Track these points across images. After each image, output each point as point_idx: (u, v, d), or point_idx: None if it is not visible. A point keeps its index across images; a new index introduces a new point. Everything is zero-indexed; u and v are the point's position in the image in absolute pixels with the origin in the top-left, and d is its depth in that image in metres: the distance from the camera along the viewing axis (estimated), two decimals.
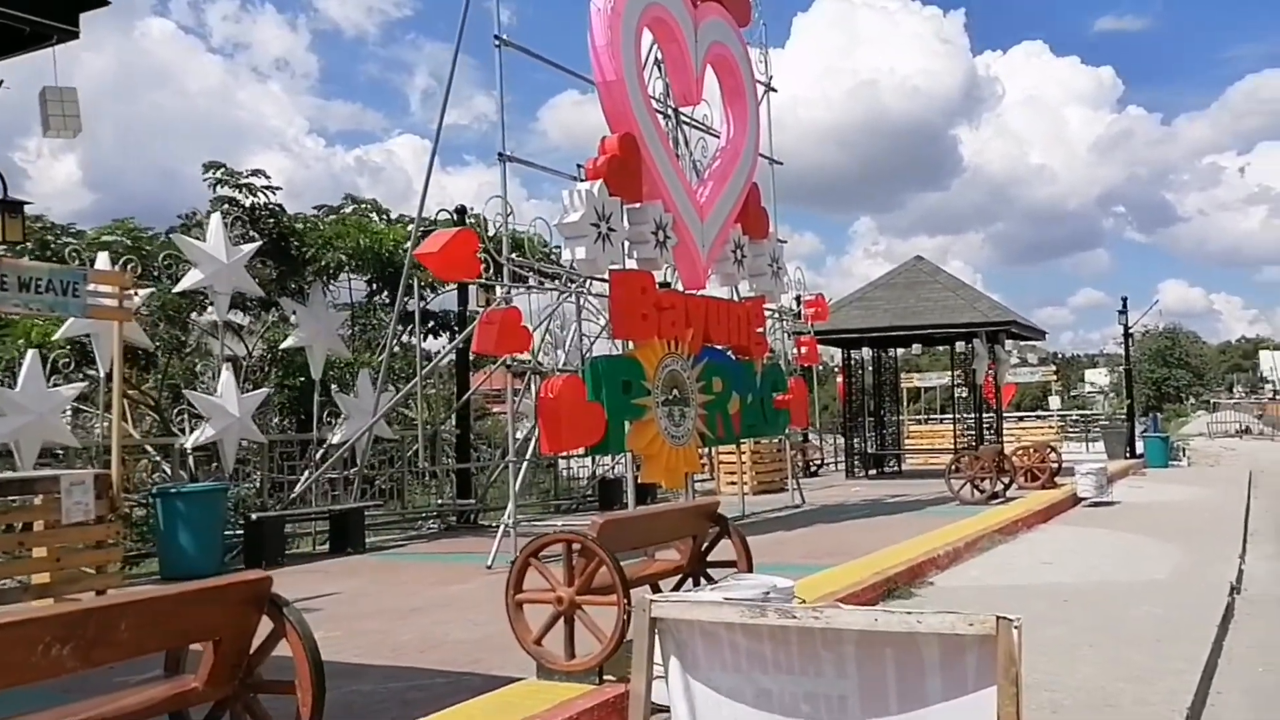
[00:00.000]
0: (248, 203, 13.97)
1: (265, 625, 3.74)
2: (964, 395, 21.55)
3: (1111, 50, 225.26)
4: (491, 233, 10.68)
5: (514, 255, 10.02)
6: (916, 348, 25.45)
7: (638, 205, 10.88)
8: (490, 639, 6.42)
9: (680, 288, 12.03)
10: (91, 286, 7.31)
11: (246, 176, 14.05)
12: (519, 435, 12.22)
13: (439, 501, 14.49)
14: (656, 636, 3.39)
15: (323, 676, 3.67)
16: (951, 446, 20.51)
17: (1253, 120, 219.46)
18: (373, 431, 12.56)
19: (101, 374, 9.91)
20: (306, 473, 12.19)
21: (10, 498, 7.31)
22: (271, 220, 14.07)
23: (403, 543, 12.55)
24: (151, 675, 3.75)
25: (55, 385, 9.80)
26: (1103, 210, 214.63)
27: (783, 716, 3.17)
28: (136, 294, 9.14)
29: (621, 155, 10.65)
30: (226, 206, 12.75)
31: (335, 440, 12.40)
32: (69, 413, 10.99)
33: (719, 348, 12.38)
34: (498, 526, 11.03)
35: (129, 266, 9.34)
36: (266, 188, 14.07)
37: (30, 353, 9.70)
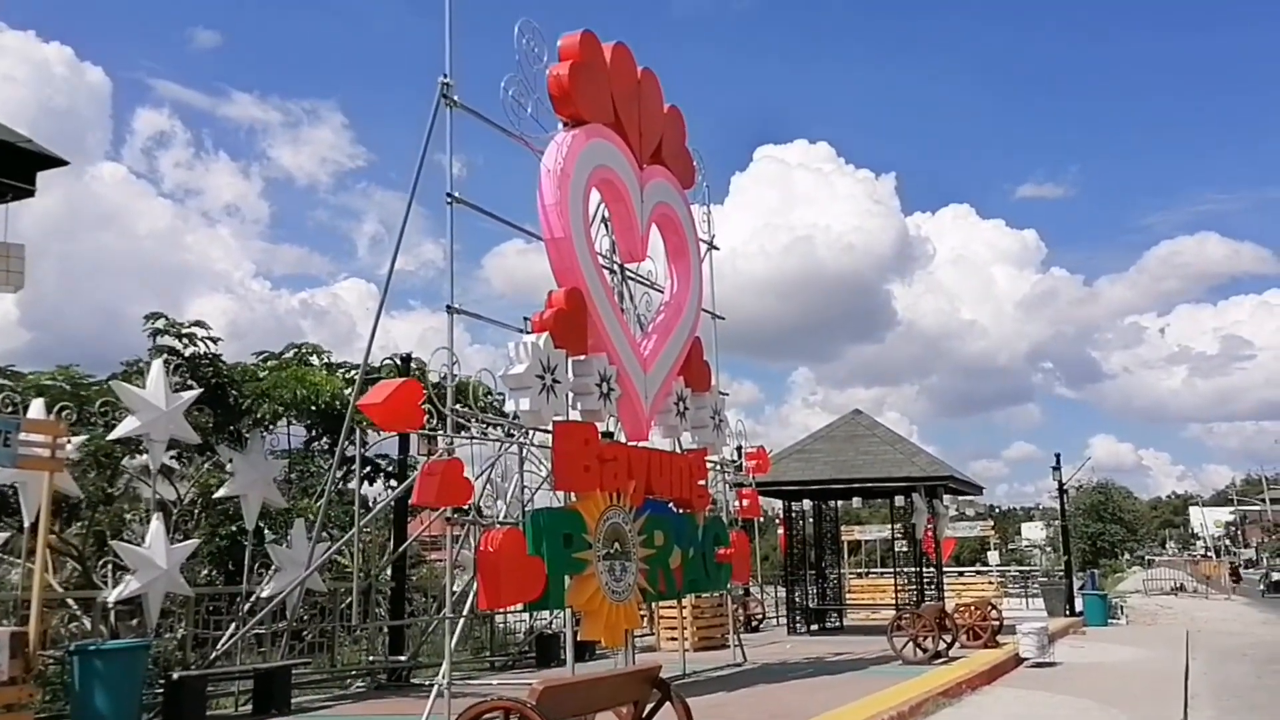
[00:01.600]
0: (188, 352, 13.88)
1: None
2: (904, 549, 21.59)
3: (1033, 214, 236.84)
4: (435, 380, 10.72)
5: (458, 405, 10.03)
6: (856, 500, 25.63)
7: (583, 358, 11.03)
8: None
9: (623, 439, 12.08)
10: (23, 435, 7.14)
11: (188, 327, 14.01)
12: (456, 587, 11.93)
13: (370, 658, 13.96)
14: None
15: None
16: (893, 601, 20.42)
17: (1170, 283, 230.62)
18: (305, 584, 12.18)
19: (26, 523, 9.54)
20: (233, 627, 11.72)
21: None
22: (210, 369, 13.96)
23: (330, 703, 11.99)
24: None
25: None
26: (1032, 365, 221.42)
27: None
28: (69, 442, 8.92)
29: (568, 309, 10.85)
30: (167, 356, 12.64)
31: (265, 593, 11.98)
32: None
33: (661, 500, 12.36)
34: (430, 685, 10.65)
35: (63, 414, 9.15)
36: (207, 338, 14.04)
37: None
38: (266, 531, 14.31)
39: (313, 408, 14.34)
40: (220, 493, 12.52)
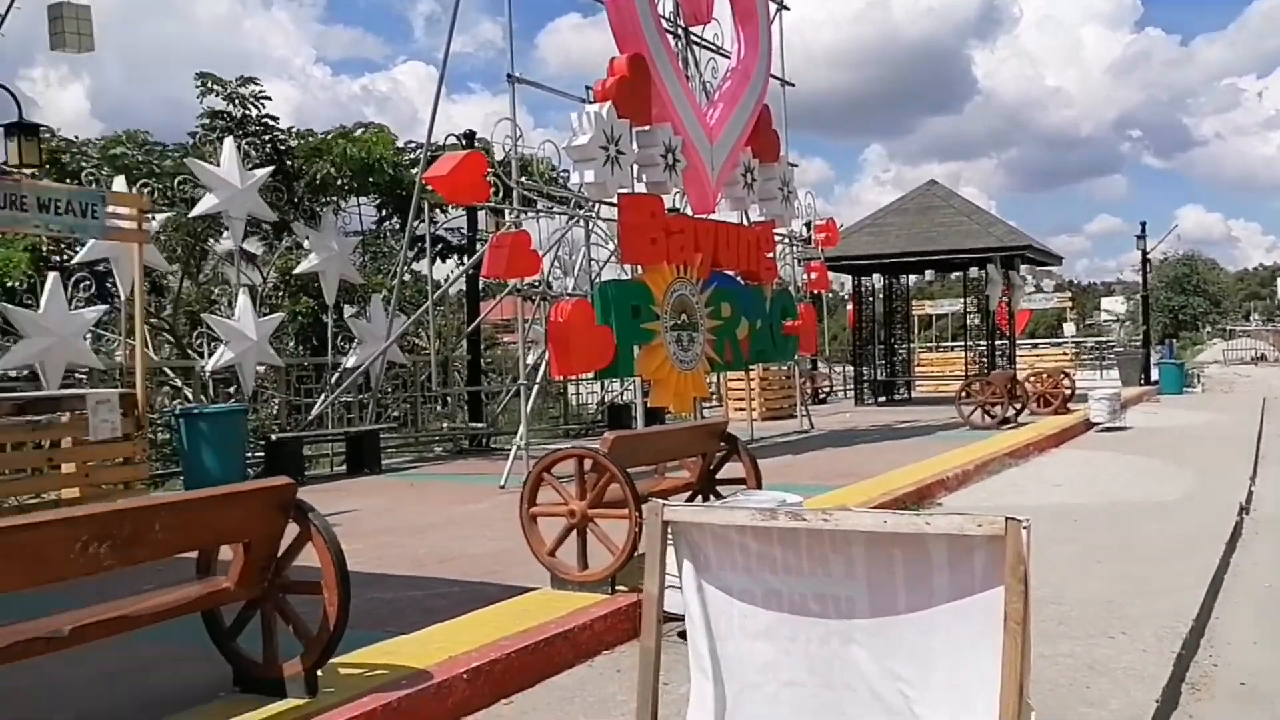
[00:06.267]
0: (239, 115, 13.86)
1: (291, 531, 3.89)
2: (977, 322, 21.53)
3: None
4: (500, 157, 10.67)
5: (523, 179, 10.03)
6: (929, 274, 25.35)
7: (647, 128, 10.82)
8: (505, 553, 6.60)
9: (689, 212, 12.01)
10: (110, 208, 7.37)
11: (236, 85, 13.85)
12: (529, 361, 12.34)
13: (451, 425, 14.69)
14: (669, 541, 3.51)
15: (347, 579, 3.83)
16: (963, 374, 20.58)
17: (1273, 42, 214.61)
18: (386, 356, 12.70)
19: (122, 297, 10.03)
20: (323, 396, 12.36)
21: (38, 416, 7.47)
22: (266, 136, 13.95)
23: (416, 464, 12.77)
24: (184, 578, 3.90)
25: (77, 308, 9.91)
26: (1119, 134, 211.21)
27: (792, 615, 3.28)
28: (154, 217, 9.19)
29: (630, 76, 10.56)
30: (217, 120, 12.68)
31: (350, 364, 12.55)
32: (89, 337, 11.13)
33: (728, 273, 12.41)
34: (509, 450, 11.22)
35: (145, 190, 9.39)
36: (257, 97, 13.87)
37: (51, 275, 9.82)
38: (345, 307, 14.82)
39: (365, 167, 14.24)
40: (299, 269, 12.91)
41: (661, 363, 10.63)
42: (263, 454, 10.98)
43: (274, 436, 11.05)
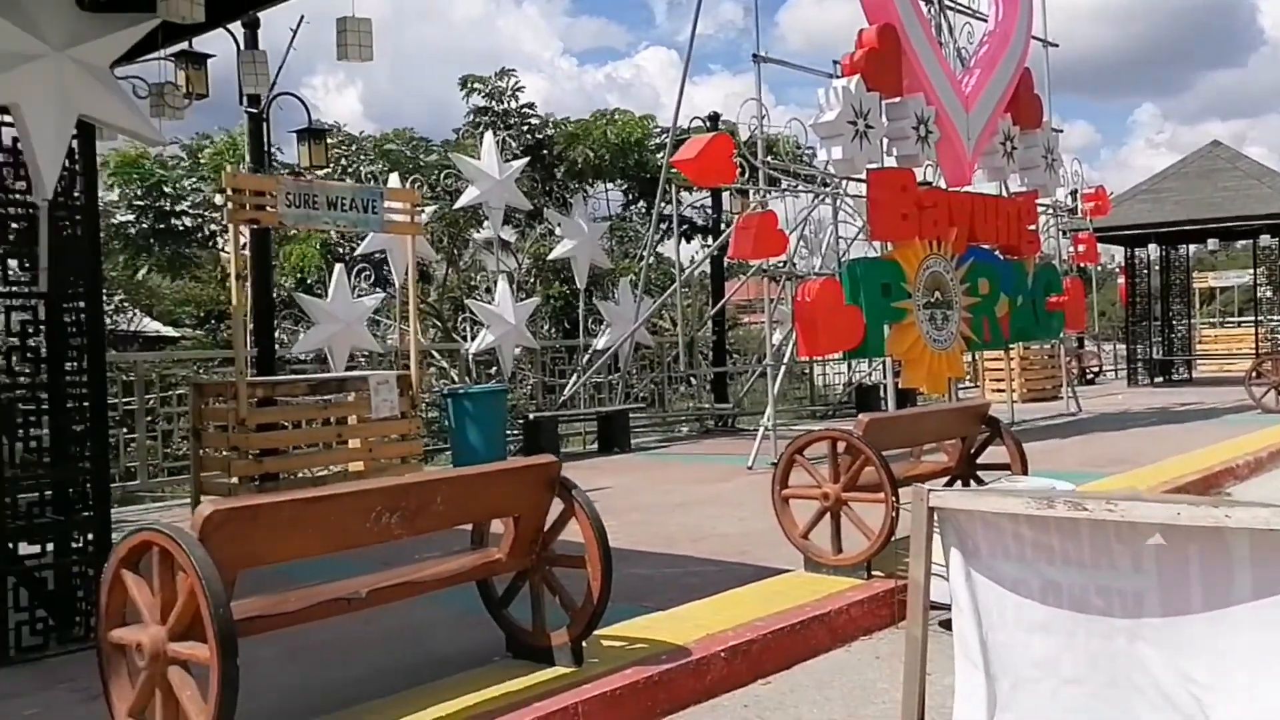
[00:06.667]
0: (499, 109, 14.68)
1: (556, 508, 4.05)
2: (1269, 295, 19.45)
3: None
4: (745, 137, 10.65)
5: (768, 158, 9.96)
6: (1212, 243, 23.14)
7: (897, 100, 10.45)
8: (756, 533, 6.60)
9: (943, 185, 11.52)
10: (387, 204, 7.94)
11: (495, 80, 14.70)
12: (775, 341, 12.28)
13: (696, 406, 14.88)
14: (935, 528, 3.38)
15: (609, 553, 3.94)
16: (1253, 352, 18.65)
17: None
18: (634, 338, 13.02)
19: (396, 285, 10.83)
20: (574, 376, 12.84)
21: (328, 395, 8.20)
22: (525, 126, 14.70)
23: (664, 444, 13.03)
24: (459, 549, 4.15)
25: (359, 296, 10.78)
26: None
27: (1072, 610, 3.08)
28: (424, 211, 9.82)
29: (880, 48, 10.23)
30: (481, 117, 13.47)
31: (599, 346, 12.97)
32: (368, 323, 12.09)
33: (986, 247, 11.81)
34: (755, 430, 11.22)
35: (415, 184, 10.07)
36: (514, 89, 14.68)
37: (337, 267, 10.74)
38: (594, 291, 15.32)
39: (621, 151, 14.72)
40: (553, 255, 13.44)
41: (914, 342, 10.28)
42: (520, 432, 11.54)
43: (531, 416, 11.60)
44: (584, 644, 4.00)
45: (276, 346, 10.50)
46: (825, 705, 4.06)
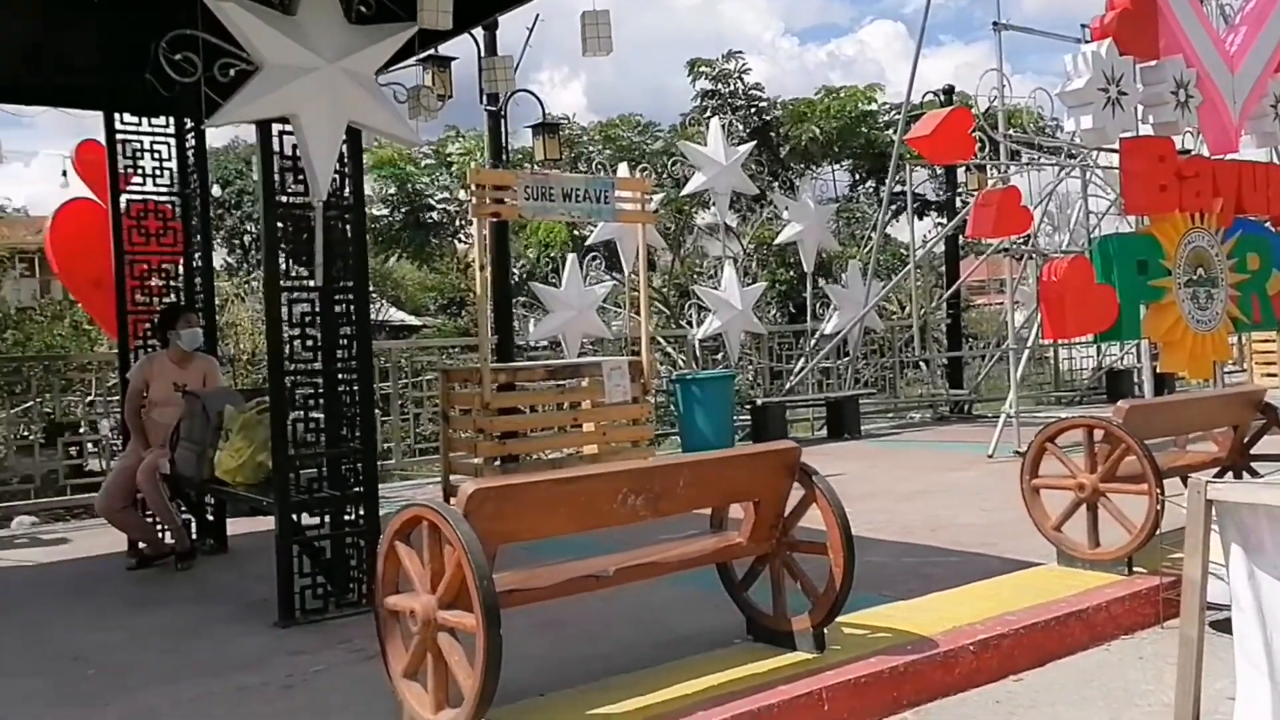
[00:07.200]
0: (726, 91, 14.70)
1: (795, 493, 4.04)
2: None
3: None
4: (983, 109, 10.19)
5: (1010, 131, 9.48)
6: None
7: (1153, 63, 9.65)
8: (1000, 524, 6.34)
9: (1205, 152, 10.59)
10: (619, 193, 8.15)
11: (721, 63, 14.75)
12: (1017, 320, 11.69)
13: (930, 391, 14.42)
14: (1212, 523, 3.13)
15: (851, 540, 3.90)
16: None
17: None
18: (863, 322, 12.75)
19: (626, 272, 11.10)
20: (800, 362, 12.73)
21: (564, 381, 8.52)
22: (752, 108, 14.67)
23: (896, 431, 12.70)
24: (698, 532, 4.21)
25: (590, 285, 11.12)
26: None
27: None
28: (653, 199, 10.01)
29: (1133, 8, 9.46)
30: (709, 100, 13.54)
31: (827, 330, 12.79)
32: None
33: (1255, 219, 10.76)
34: (992, 417, 10.75)
35: (643, 172, 10.26)
36: (739, 72, 14.65)
37: (570, 256, 11.12)
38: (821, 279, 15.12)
39: (849, 129, 14.44)
40: (779, 239, 13.36)
41: (1174, 323, 9.50)
42: (747, 418, 11.56)
43: (759, 401, 11.59)
44: (825, 630, 3.98)
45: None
46: (1084, 706, 3.85)
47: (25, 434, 10.00)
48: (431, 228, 18.60)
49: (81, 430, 9.62)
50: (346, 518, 5.14)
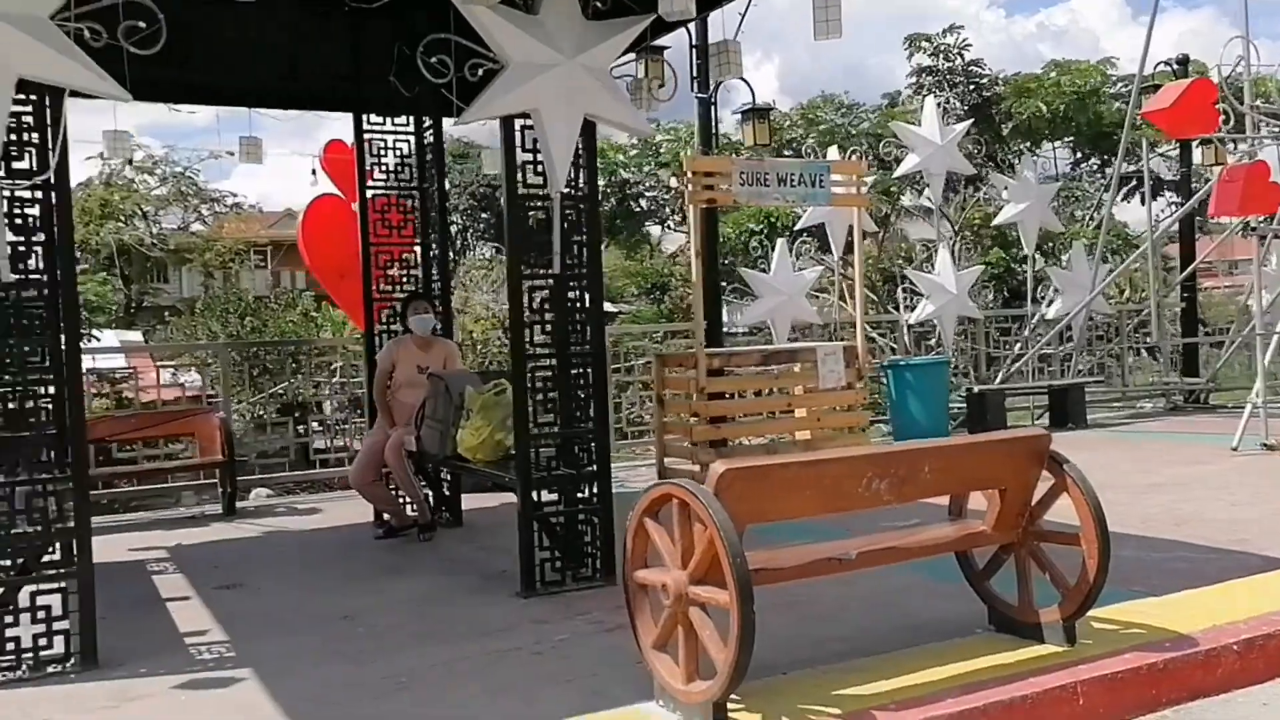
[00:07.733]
0: (944, 67, 14.19)
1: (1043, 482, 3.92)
2: None
3: None
4: (1220, 79, 9.48)
5: (1257, 103, 8.78)
6: None
7: None
8: (1252, 520, 5.96)
9: None
10: (834, 176, 8.06)
11: (940, 38, 14.24)
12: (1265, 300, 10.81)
13: (1164, 380, 13.54)
14: None
15: (1107, 531, 3.76)
16: None
17: None
18: (1090, 306, 12.12)
19: (836, 256, 10.98)
20: (1018, 347, 12.22)
21: (776, 366, 8.52)
22: (971, 85, 14.12)
23: (1126, 421, 12.01)
24: (938, 520, 4.15)
25: (800, 270, 11.07)
26: None
27: None
28: (866, 181, 9.84)
29: None
30: (925, 78, 13.12)
31: (1050, 315, 12.23)
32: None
33: None
34: (1233, 407, 10.01)
35: (854, 155, 10.13)
36: (959, 47, 14.08)
37: (780, 241, 11.10)
38: (1038, 256, 14.44)
39: (1078, 101, 13.68)
40: (998, 219, 12.87)
41: None
42: (964, 404, 11.21)
43: (975, 388, 11.23)
44: (1076, 624, 3.85)
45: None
46: None
47: (260, 414, 10.95)
48: (639, 216, 18.92)
49: (312, 411, 10.40)
50: (580, 495, 5.36)
